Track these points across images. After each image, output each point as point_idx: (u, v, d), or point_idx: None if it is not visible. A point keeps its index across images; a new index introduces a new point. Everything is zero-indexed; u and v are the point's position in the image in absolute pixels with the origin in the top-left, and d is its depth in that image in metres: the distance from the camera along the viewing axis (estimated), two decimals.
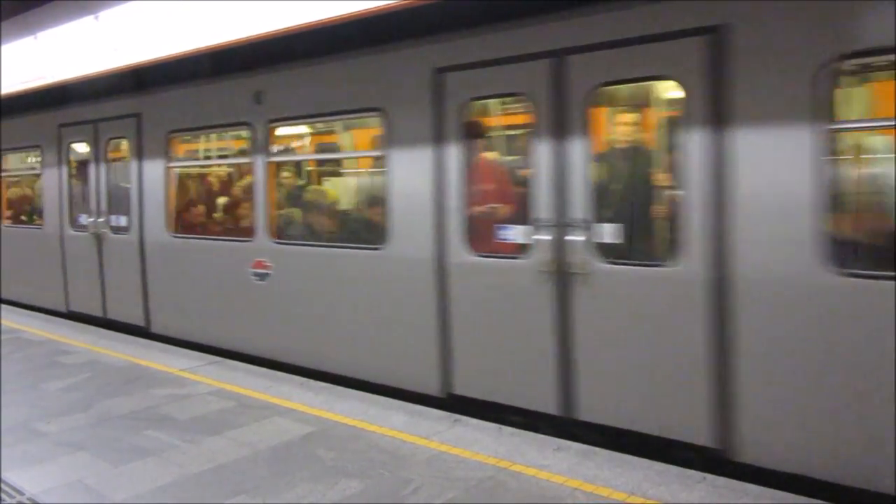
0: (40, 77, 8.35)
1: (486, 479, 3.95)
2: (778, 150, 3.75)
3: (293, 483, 3.97)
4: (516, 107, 5.13)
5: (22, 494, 3.93)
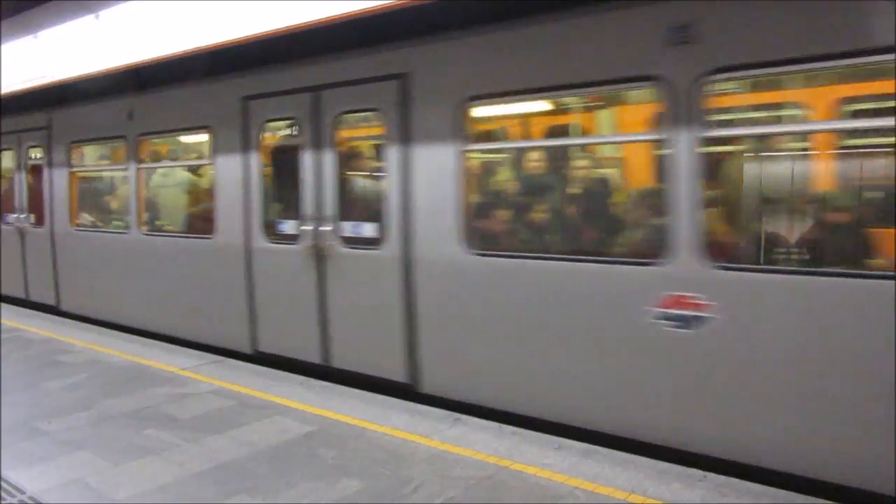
0: None
1: (487, 478, 3.96)
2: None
3: (294, 482, 3.98)
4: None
5: (23, 493, 3.93)
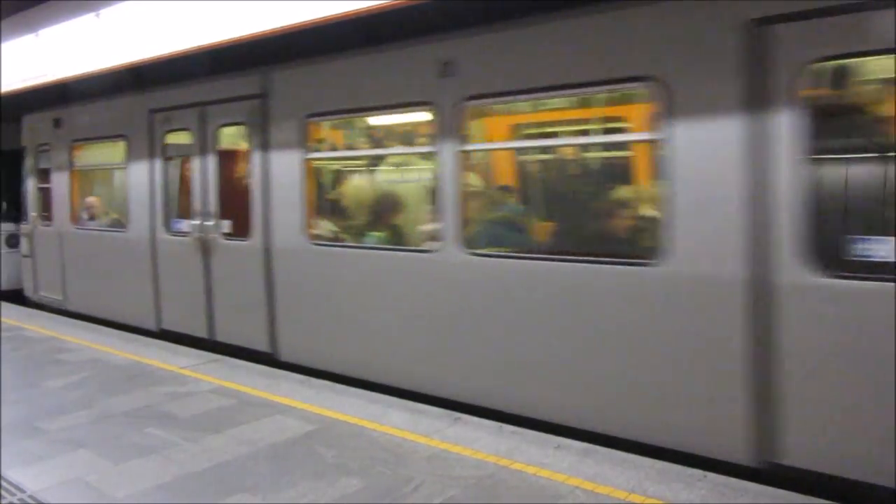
0: None
1: (487, 477, 3.96)
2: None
3: (294, 481, 3.98)
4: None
5: (23, 492, 3.93)
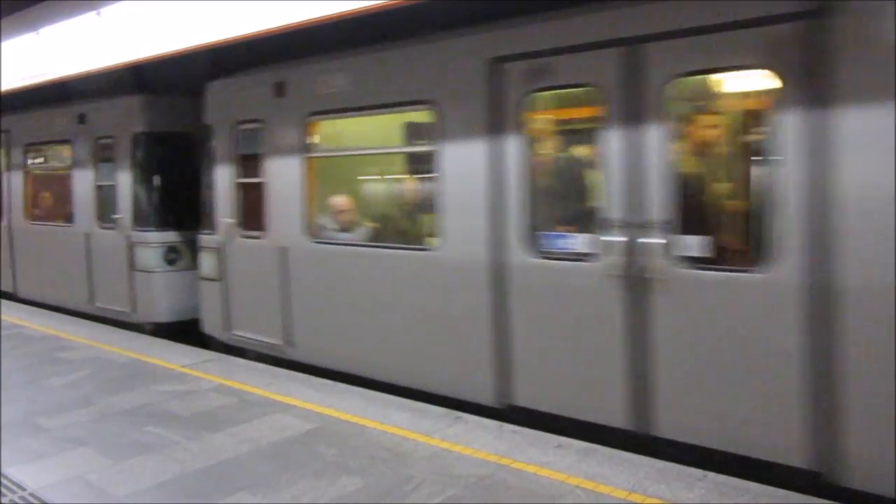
0: None
1: (487, 477, 3.96)
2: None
3: (294, 479, 3.98)
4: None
5: (23, 490, 3.94)
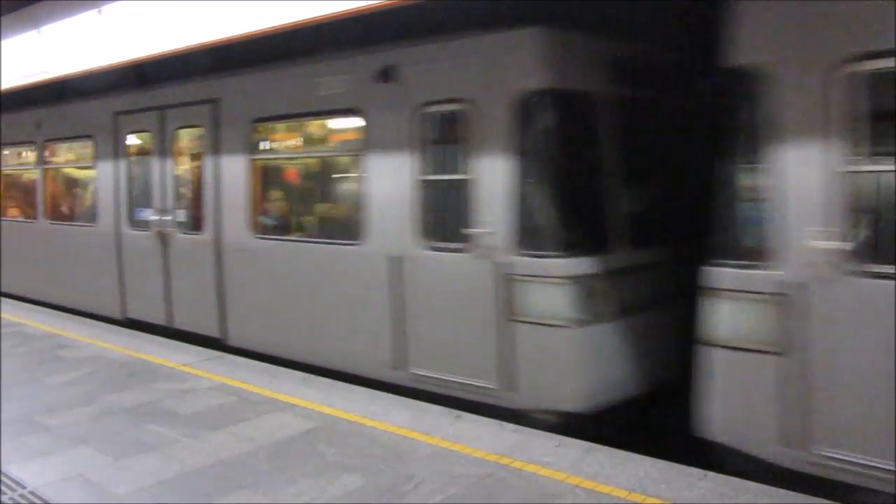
0: None
1: (488, 476, 3.95)
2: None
3: (294, 478, 3.98)
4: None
5: (24, 488, 3.93)
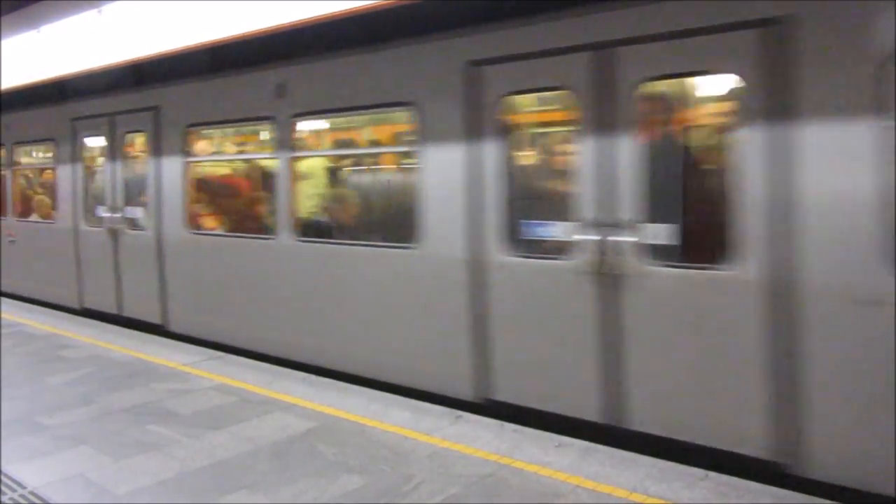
0: None
1: (488, 476, 3.95)
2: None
3: (294, 478, 3.97)
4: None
5: (23, 488, 3.93)
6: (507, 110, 4.89)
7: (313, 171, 6.67)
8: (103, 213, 8.48)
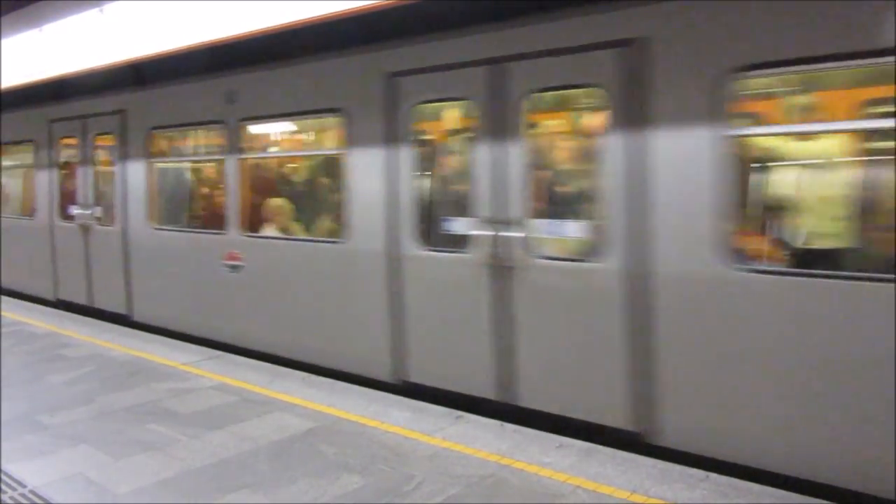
0: None
1: (488, 476, 3.95)
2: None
3: (295, 478, 3.97)
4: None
5: (24, 487, 3.93)
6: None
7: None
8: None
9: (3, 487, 3.92)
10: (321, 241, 6.16)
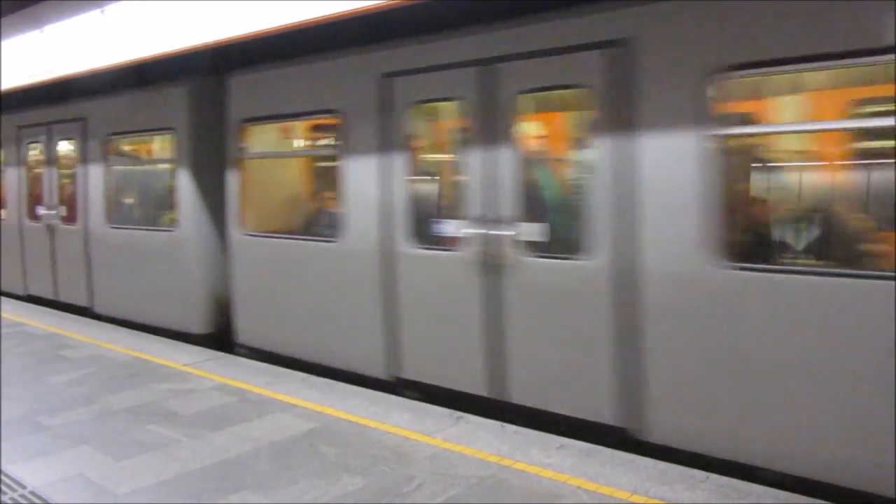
0: None
1: (489, 477, 3.95)
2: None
3: (295, 479, 3.97)
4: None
5: (24, 487, 3.93)
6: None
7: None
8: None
9: (4, 488, 3.92)
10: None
